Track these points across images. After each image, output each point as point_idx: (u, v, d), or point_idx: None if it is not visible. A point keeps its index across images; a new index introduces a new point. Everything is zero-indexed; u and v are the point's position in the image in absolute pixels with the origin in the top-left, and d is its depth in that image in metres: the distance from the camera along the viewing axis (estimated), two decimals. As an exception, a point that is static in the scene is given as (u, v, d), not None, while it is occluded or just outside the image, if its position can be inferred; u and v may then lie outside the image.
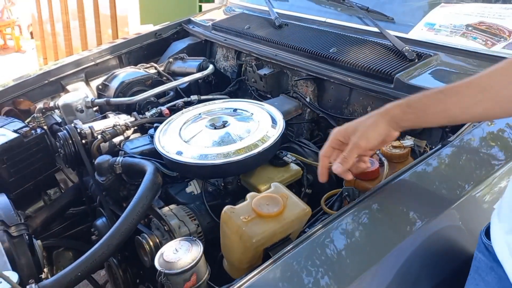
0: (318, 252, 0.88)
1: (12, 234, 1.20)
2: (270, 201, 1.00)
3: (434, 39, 1.43)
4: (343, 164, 0.93)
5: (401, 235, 0.89)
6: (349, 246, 0.89)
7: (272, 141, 1.24)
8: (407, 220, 0.93)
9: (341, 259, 0.87)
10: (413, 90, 1.27)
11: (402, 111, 0.89)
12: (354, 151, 0.92)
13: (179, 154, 1.23)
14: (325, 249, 0.89)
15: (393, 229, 0.92)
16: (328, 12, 1.77)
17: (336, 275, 0.84)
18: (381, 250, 0.86)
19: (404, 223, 0.92)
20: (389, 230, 0.92)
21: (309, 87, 1.57)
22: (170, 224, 1.18)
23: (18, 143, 1.55)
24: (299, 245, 0.88)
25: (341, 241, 0.91)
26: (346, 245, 0.90)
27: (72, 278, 1.02)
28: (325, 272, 0.84)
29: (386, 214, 0.95)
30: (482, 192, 0.98)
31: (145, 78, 1.78)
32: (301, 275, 0.84)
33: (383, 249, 0.86)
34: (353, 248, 0.88)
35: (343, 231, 0.92)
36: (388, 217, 0.94)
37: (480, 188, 0.98)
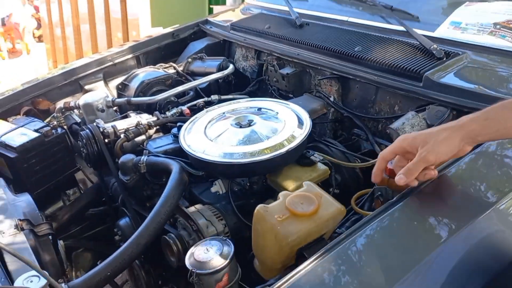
0: (357, 254, 0.86)
1: (38, 234, 1.19)
2: (304, 200, 0.98)
3: (462, 38, 1.41)
4: (407, 177, 0.88)
5: (443, 236, 0.86)
6: (389, 248, 0.87)
7: (300, 140, 1.22)
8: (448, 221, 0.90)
9: (381, 262, 0.85)
10: (443, 88, 1.26)
11: (480, 125, 0.85)
12: (421, 164, 0.87)
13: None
14: (365, 251, 0.86)
15: (434, 230, 0.89)
16: (349, 11, 1.75)
17: (378, 278, 0.81)
18: (423, 252, 0.83)
19: (445, 224, 0.90)
20: (430, 231, 0.89)
21: (333, 86, 1.55)
22: (198, 224, 1.16)
23: (40, 143, 1.54)
24: (336, 247, 0.85)
25: (381, 242, 0.88)
26: (385, 247, 0.87)
27: (101, 277, 1.01)
28: (364, 276, 0.82)
29: (426, 215, 0.92)
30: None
31: (165, 78, 1.78)
32: (339, 279, 0.82)
33: (425, 251, 0.83)
34: (394, 250, 0.86)
35: (382, 232, 0.89)
36: (428, 218, 0.91)
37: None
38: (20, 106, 1.80)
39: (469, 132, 0.86)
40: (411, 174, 0.88)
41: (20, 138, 1.53)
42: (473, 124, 0.86)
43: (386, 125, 1.40)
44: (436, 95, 1.26)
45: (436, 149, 0.86)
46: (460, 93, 1.22)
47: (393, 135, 1.28)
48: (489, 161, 1.03)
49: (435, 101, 1.26)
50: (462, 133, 0.86)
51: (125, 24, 4.79)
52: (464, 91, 1.22)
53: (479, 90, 1.21)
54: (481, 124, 0.85)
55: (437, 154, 0.86)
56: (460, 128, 0.86)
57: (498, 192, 0.93)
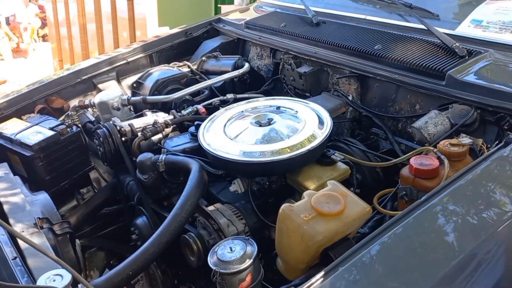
0: (384, 256, 0.84)
1: (57, 232, 1.17)
2: (330, 199, 0.97)
3: (484, 36, 1.40)
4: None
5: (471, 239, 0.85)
6: (418, 250, 0.85)
7: (322, 140, 1.20)
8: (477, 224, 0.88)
9: (409, 264, 0.83)
10: (466, 87, 1.24)
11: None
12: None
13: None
14: (392, 253, 0.85)
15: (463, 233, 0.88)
16: (366, 10, 1.74)
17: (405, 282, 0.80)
18: (451, 255, 0.82)
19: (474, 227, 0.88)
20: (459, 233, 0.88)
21: (352, 85, 1.53)
22: (219, 223, 1.15)
23: (55, 141, 1.53)
24: (363, 249, 0.83)
25: (409, 244, 0.86)
26: (414, 247, 0.86)
27: (123, 276, 1.00)
28: (393, 279, 0.80)
29: (455, 217, 0.90)
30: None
31: (180, 76, 1.77)
32: (367, 281, 0.80)
33: (452, 254, 0.82)
34: (423, 253, 0.84)
35: (410, 234, 0.88)
36: (457, 220, 0.90)
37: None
38: (34, 105, 1.79)
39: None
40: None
41: (35, 137, 1.53)
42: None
43: (406, 124, 1.39)
44: (459, 93, 1.24)
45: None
46: (484, 91, 1.21)
47: (416, 133, 1.26)
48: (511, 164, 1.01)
49: (458, 99, 1.24)
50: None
51: (132, 23, 4.79)
52: (489, 89, 1.21)
53: (504, 88, 1.20)
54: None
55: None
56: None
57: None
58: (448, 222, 0.87)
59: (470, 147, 1.11)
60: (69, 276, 0.93)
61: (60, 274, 0.93)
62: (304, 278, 0.93)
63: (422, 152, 1.14)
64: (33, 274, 0.96)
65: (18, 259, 0.98)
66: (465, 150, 1.09)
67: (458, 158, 1.08)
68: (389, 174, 1.30)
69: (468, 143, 1.11)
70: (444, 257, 0.82)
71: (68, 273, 0.94)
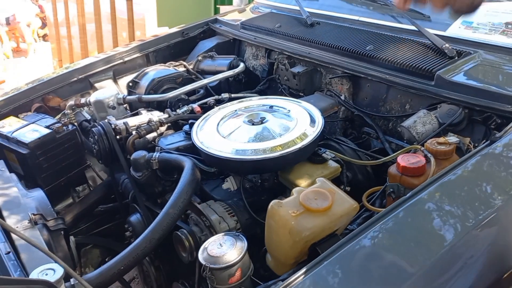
0: (369, 250, 0.86)
1: (51, 228, 1.19)
2: (318, 195, 0.98)
3: (474, 37, 1.42)
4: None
5: (452, 234, 0.87)
6: (400, 244, 0.87)
7: (313, 138, 1.22)
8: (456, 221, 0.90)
9: (393, 258, 0.85)
10: (455, 87, 1.26)
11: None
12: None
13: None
14: (376, 247, 0.87)
15: (444, 229, 0.90)
16: (360, 11, 1.76)
17: (388, 275, 0.82)
18: (435, 249, 0.84)
19: (454, 223, 0.90)
20: (442, 228, 0.90)
21: (344, 85, 1.55)
22: (211, 220, 1.17)
23: (51, 139, 1.55)
24: (349, 243, 0.86)
25: (393, 239, 0.89)
26: (398, 243, 0.88)
27: (115, 272, 1.02)
28: (376, 272, 0.82)
29: (438, 212, 0.92)
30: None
31: (175, 76, 1.78)
32: (352, 275, 0.82)
33: (437, 248, 0.84)
34: (406, 246, 0.86)
35: (394, 229, 0.90)
36: (440, 215, 0.92)
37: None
38: (31, 103, 1.82)
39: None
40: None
41: (31, 134, 1.55)
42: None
43: (397, 123, 1.41)
44: (448, 93, 1.26)
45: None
46: (472, 91, 1.23)
47: (405, 132, 1.28)
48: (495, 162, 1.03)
49: (447, 99, 1.26)
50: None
51: (131, 23, 4.81)
52: (476, 89, 1.22)
53: (491, 88, 1.22)
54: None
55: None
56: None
57: (504, 193, 0.94)
58: (431, 218, 0.89)
59: (457, 146, 1.13)
60: (61, 270, 0.95)
61: (53, 268, 0.94)
62: (292, 272, 0.95)
63: (410, 150, 1.16)
64: (26, 268, 0.98)
65: (11, 253, 1.00)
66: (451, 149, 1.11)
67: (445, 156, 1.10)
68: (380, 172, 1.32)
69: (455, 142, 1.12)
70: (426, 251, 0.84)
71: (60, 268, 0.96)
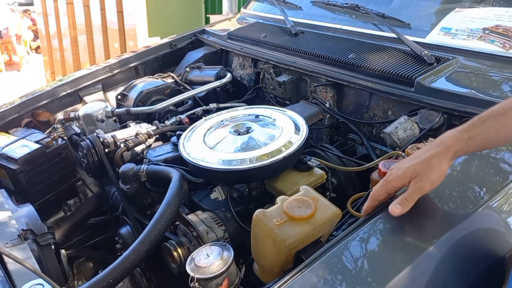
0: (351, 255, 0.89)
1: (41, 243, 1.21)
2: (302, 204, 1.00)
3: (452, 43, 1.45)
4: (403, 207, 0.88)
5: (436, 235, 0.89)
6: (381, 249, 0.90)
7: (297, 146, 1.25)
8: (441, 220, 0.93)
9: (374, 262, 0.87)
10: (434, 93, 1.29)
11: (464, 145, 0.87)
12: (417, 195, 0.89)
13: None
14: (358, 252, 0.89)
15: (427, 230, 0.92)
16: (343, 20, 1.79)
17: (370, 279, 0.84)
18: (413, 253, 0.86)
19: (438, 223, 0.92)
20: (422, 230, 0.92)
21: (328, 92, 1.58)
22: (198, 230, 1.18)
23: (41, 154, 1.57)
24: (332, 249, 0.89)
25: (373, 244, 0.91)
26: (378, 248, 0.90)
27: (104, 284, 1.03)
28: (359, 276, 0.85)
29: (417, 216, 0.94)
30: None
31: (163, 88, 1.80)
32: (335, 279, 0.85)
33: (414, 252, 0.86)
34: (385, 251, 0.89)
35: (375, 234, 0.92)
36: (418, 220, 0.94)
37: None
38: (21, 118, 1.83)
39: (455, 152, 0.88)
40: (407, 205, 0.88)
41: (21, 150, 1.56)
42: (458, 145, 0.88)
43: (380, 129, 1.44)
44: (427, 99, 1.29)
45: (429, 177, 0.88)
46: (451, 97, 1.26)
47: (387, 139, 1.31)
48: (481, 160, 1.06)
49: (427, 105, 1.29)
50: (449, 155, 0.88)
51: (122, 34, 4.84)
52: (455, 95, 1.25)
53: (469, 94, 1.25)
54: (466, 143, 0.88)
55: (431, 182, 0.88)
56: (447, 151, 0.88)
57: (490, 190, 0.96)
58: (410, 222, 0.91)
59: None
60: (49, 286, 0.97)
61: (42, 284, 0.96)
62: (277, 280, 0.97)
63: (392, 156, 1.19)
64: (15, 284, 0.99)
65: (0, 270, 1.01)
66: (432, 154, 1.13)
67: (425, 161, 1.12)
68: (364, 178, 1.34)
69: (435, 147, 1.15)
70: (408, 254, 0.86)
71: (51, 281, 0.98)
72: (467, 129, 0.88)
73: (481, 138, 0.87)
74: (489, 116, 0.87)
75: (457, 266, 0.87)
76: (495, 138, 0.88)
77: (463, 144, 0.88)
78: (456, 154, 0.89)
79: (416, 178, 0.89)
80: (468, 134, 0.87)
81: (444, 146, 0.88)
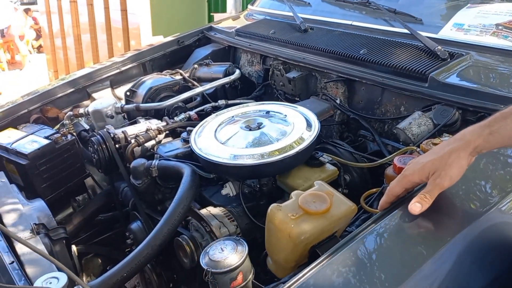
0: (368, 251, 0.88)
1: (52, 237, 1.20)
2: (317, 198, 1.00)
3: (465, 39, 1.44)
4: (423, 204, 0.87)
5: (449, 234, 0.88)
6: (398, 244, 0.89)
7: (310, 142, 1.24)
8: (454, 219, 0.92)
9: (391, 257, 0.87)
10: (448, 88, 1.28)
11: (485, 140, 0.86)
12: (436, 191, 0.87)
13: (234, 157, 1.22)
14: (375, 247, 0.88)
15: (441, 228, 0.91)
16: (353, 16, 1.79)
17: (388, 274, 0.83)
18: (431, 248, 0.85)
19: (451, 222, 0.92)
20: (437, 229, 0.91)
21: (339, 88, 1.58)
22: (211, 225, 1.18)
23: (50, 149, 1.56)
24: (348, 244, 0.88)
25: (391, 239, 0.90)
26: (395, 243, 0.89)
27: (118, 278, 1.03)
28: (376, 272, 0.84)
29: (434, 212, 0.93)
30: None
31: (172, 84, 1.80)
32: (352, 274, 0.84)
33: (433, 247, 0.85)
34: (403, 246, 0.88)
35: (392, 230, 0.91)
36: (436, 215, 0.93)
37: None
38: (30, 114, 1.83)
39: (475, 147, 0.87)
40: (427, 203, 0.87)
41: (31, 145, 1.56)
42: (478, 140, 0.86)
43: (392, 126, 1.43)
44: (441, 95, 1.28)
45: (448, 173, 0.86)
46: (465, 92, 1.25)
47: (400, 134, 1.30)
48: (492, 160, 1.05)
49: (441, 100, 1.28)
50: (469, 150, 0.87)
51: (126, 33, 4.84)
52: (469, 90, 1.25)
53: (483, 89, 1.24)
54: (486, 139, 0.86)
55: (450, 177, 0.87)
56: (466, 146, 0.87)
57: (502, 191, 0.95)
58: (428, 218, 0.90)
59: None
60: (65, 279, 0.96)
61: (56, 277, 0.96)
62: (293, 275, 0.96)
63: (407, 152, 1.18)
64: (29, 277, 0.99)
65: (15, 263, 1.01)
66: (447, 149, 1.12)
67: (440, 156, 1.12)
68: (377, 175, 1.34)
69: (450, 142, 1.14)
70: (426, 249, 0.85)
71: (64, 276, 0.97)
72: (489, 124, 0.87)
73: (502, 134, 0.86)
74: (510, 110, 0.86)
75: (480, 258, 0.86)
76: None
77: (483, 139, 0.86)
78: (476, 149, 0.87)
79: (435, 174, 0.87)
80: (489, 129, 0.86)
81: (464, 141, 0.87)
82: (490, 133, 0.86)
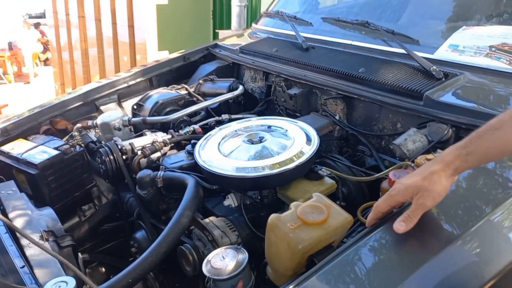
0: (361, 260, 0.93)
1: (61, 244, 1.25)
2: (315, 209, 1.05)
3: (460, 60, 1.50)
4: (407, 224, 0.91)
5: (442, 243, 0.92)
6: (393, 252, 0.94)
7: (309, 155, 1.29)
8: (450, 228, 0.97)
9: (383, 266, 0.91)
10: (442, 107, 1.34)
11: (463, 161, 0.90)
12: (420, 211, 0.91)
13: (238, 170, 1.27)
14: (368, 257, 0.93)
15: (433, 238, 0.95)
16: (353, 36, 1.85)
17: (379, 283, 0.87)
18: (419, 260, 0.90)
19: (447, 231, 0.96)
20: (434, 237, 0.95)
21: (338, 105, 1.63)
22: (213, 234, 1.22)
23: (59, 160, 1.62)
24: (343, 253, 0.93)
25: (382, 250, 0.95)
26: (386, 254, 0.95)
27: (124, 284, 1.07)
28: (368, 280, 0.88)
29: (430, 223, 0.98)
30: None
31: (178, 98, 1.86)
32: (346, 282, 0.88)
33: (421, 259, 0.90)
34: (398, 255, 0.93)
35: (384, 241, 0.96)
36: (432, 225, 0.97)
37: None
38: (39, 126, 1.89)
39: (456, 168, 0.91)
40: (411, 222, 0.91)
41: (40, 156, 1.62)
42: (457, 161, 0.90)
43: (389, 141, 1.48)
44: (436, 113, 1.34)
45: (431, 194, 0.90)
46: (459, 111, 1.30)
47: (396, 150, 1.35)
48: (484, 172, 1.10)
49: (435, 118, 1.34)
50: (449, 171, 0.91)
51: (132, 48, 4.93)
52: (462, 109, 1.30)
53: (476, 107, 1.29)
54: (464, 159, 0.90)
55: (433, 198, 0.91)
56: (446, 168, 0.91)
57: (492, 204, 0.99)
58: (418, 230, 0.95)
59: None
60: (73, 283, 1.01)
61: (65, 281, 1.00)
62: (290, 282, 1.00)
63: (402, 166, 1.23)
64: (39, 282, 1.03)
65: (26, 267, 1.06)
66: (440, 165, 1.17)
67: (434, 171, 1.17)
68: (374, 188, 1.38)
69: (443, 158, 1.19)
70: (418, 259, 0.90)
71: (72, 280, 1.02)
72: (465, 145, 0.90)
73: (480, 153, 0.89)
74: (485, 130, 0.90)
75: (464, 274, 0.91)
76: (494, 152, 0.90)
77: (461, 160, 0.90)
78: (456, 170, 0.91)
79: (418, 195, 0.91)
80: (466, 150, 0.90)
81: (444, 163, 0.91)
82: (467, 154, 0.90)
